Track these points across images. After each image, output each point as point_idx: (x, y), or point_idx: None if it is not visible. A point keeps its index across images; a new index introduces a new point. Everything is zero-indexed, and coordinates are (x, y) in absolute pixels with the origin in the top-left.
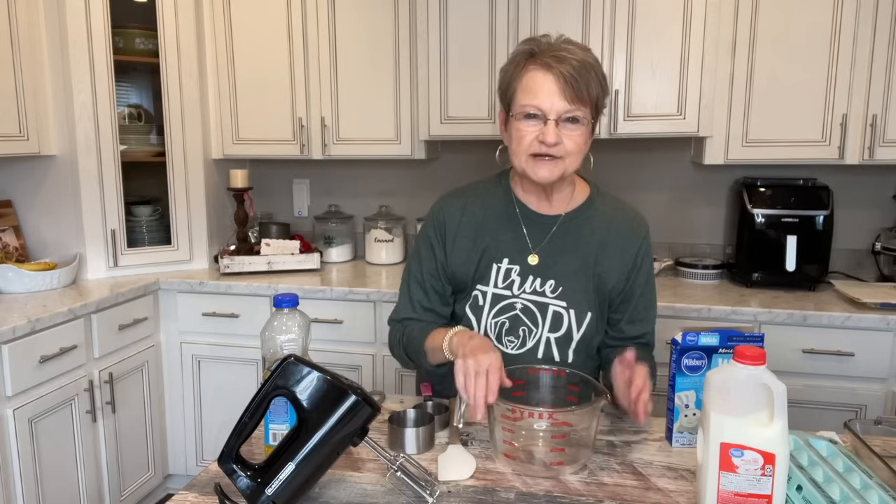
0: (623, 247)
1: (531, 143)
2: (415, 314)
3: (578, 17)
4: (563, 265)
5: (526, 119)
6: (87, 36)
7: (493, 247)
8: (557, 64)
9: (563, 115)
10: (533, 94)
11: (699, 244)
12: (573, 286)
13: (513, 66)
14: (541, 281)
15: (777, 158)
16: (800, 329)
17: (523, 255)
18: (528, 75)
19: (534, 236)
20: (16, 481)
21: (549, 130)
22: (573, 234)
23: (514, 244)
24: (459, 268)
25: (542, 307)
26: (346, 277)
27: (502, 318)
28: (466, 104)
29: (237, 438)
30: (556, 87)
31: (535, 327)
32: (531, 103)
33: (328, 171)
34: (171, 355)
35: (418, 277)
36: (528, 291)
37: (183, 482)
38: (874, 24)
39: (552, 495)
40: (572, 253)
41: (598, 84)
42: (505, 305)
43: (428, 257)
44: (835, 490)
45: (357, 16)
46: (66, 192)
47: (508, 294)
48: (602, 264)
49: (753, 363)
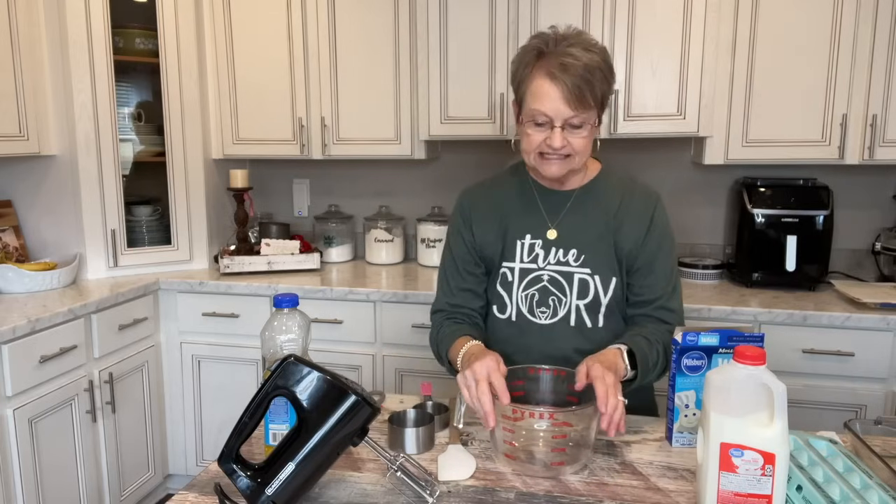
0: (638, 211)
1: (539, 144)
2: (453, 298)
3: (578, 18)
4: (583, 234)
5: (534, 125)
6: (87, 36)
7: (514, 225)
8: (562, 74)
9: (569, 120)
10: (540, 102)
11: (699, 244)
12: (595, 253)
13: (523, 64)
14: (563, 251)
15: (777, 158)
16: (800, 329)
17: (543, 230)
18: (535, 81)
19: (551, 211)
20: (16, 481)
21: (555, 136)
22: (589, 204)
23: (533, 220)
24: (487, 247)
25: (568, 276)
26: (346, 277)
27: (532, 290)
28: (466, 104)
29: (237, 438)
30: (560, 97)
31: (564, 296)
32: (539, 109)
33: (328, 171)
34: (171, 355)
35: (452, 264)
36: (552, 263)
37: (183, 482)
38: (874, 24)
39: (552, 495)
40: (590, 222)
41: (603, 82)
42: (533, 278)
43: (458, 243)
44: (835, 490)
45: (357, 16)
46: (66, 192)
47: (535, 267)
48: (619, 231)
49: (753, 363)
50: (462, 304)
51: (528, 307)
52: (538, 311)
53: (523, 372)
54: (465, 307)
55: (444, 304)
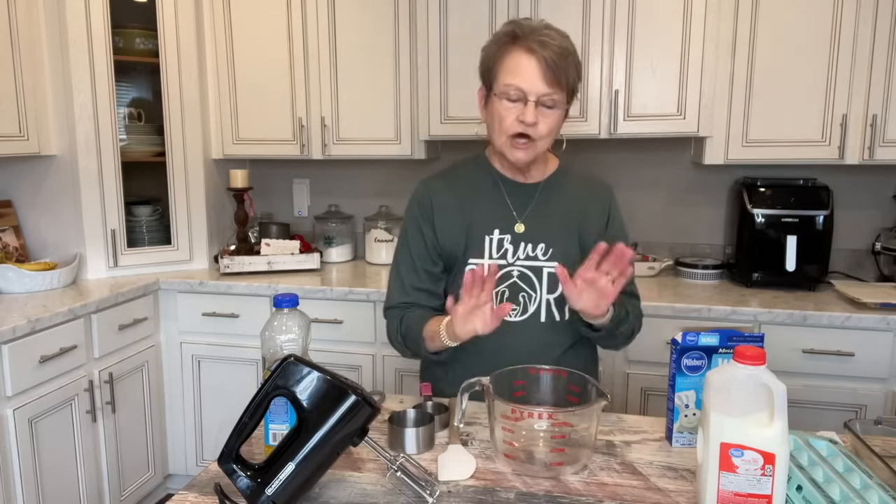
0: (598, 202)
1: (511, 123)
2: (407, 297)
3: (578, 18)
4: (550, 227)
5: (507, 101)
6: (87, 36)
7: (480, 219)
8: (540, 49)
9: (542, 96)
10: (515, 75)
11: (699, 244)
12: (562, 246)
13: (495, 46)
14: (532, 246)
15: (777, 158)
16: (800, 329)
17: (511, 224)
18: (511, 56)
19: (517, 205)
20: (16, 481)
21: (528, 110)
22: (554, 197)
23: (500, 214)
24: (448, 243)
25: (537, 271)
26: (346, 277)
27: (501, 287)
28: (466, 104)
29: (237, 438)
30: (538, 71)
31: (534, 292)
32: (513, 83)
33: (328, 171)
34: (171, 355)
35: (408, 260)
36: (521, 258)
37: (183, 482)
38: (874, 24)
39: (552, 495)
40: (556, 215)
41: (575, 71)
42: (502, 275)
43: (416, 237)
44: (835, 490)
45: (357, 16)
46: (66, 192)
47: (504, 263)
48: (582, 222)
49: (753, 363)
50: (416, 302)
51: (498, 304)
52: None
53: (523, 372)
54: (421, 306)
55: (396, 303)
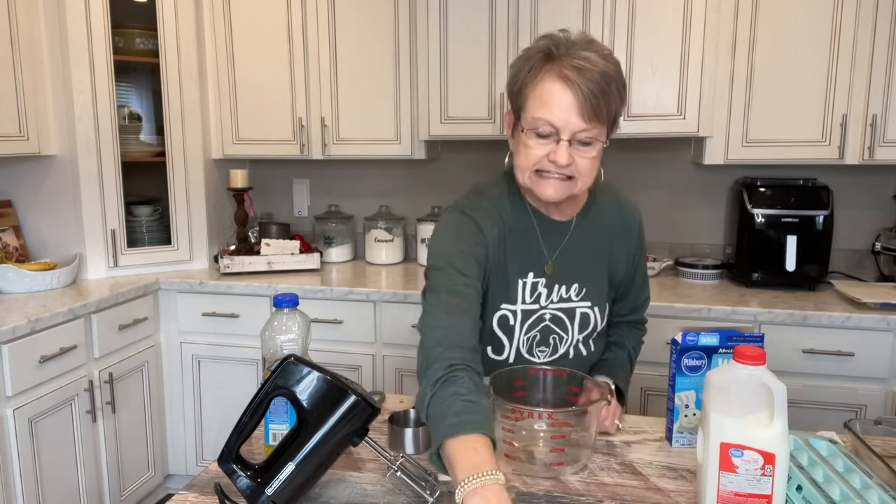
0: (627, 234)
1: (539, 160)
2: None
3: (578, 17)
4: (580, 266)
5: (536, 137)
6: (87, 36)
7: (513, 259)
8: (577, 77)
9: (578, 133)
10: (548, 108)
11: (699, 244)
12: (593, 284)
13: (527, 67)
14: (566, 288)
15: (777, 158)
16: (800, 329)
17: (541, 266)
18: (543, 84)
19: (549, 244)
20: (16, 481)
21: (560, 151)
22: (585, 234)
23: (533, 255)
24: (490, 281)
25: (570, 312)
26: (346, 277)
27: (533, 332)
28: (466, 104)
29: (237, 438)
30: (573, 104)
31: (566, 333)
32: (544, 118)
33: (328, 171)
34: (171, 355)
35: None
36: (555, 301)
37: (183, 482)
38: (874, 24)
39: (552, 495)
40: (587, 253)
41: (617, 97)
42: (535, 320)
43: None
44: (835, 490)
45: (357, 16)
46: (66, 192)
47: (536, 307)
48: (611, 252)
49: (753, 363)
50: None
51: (528, 348)
52: (537, 351)
53: (523, 372)
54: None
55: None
